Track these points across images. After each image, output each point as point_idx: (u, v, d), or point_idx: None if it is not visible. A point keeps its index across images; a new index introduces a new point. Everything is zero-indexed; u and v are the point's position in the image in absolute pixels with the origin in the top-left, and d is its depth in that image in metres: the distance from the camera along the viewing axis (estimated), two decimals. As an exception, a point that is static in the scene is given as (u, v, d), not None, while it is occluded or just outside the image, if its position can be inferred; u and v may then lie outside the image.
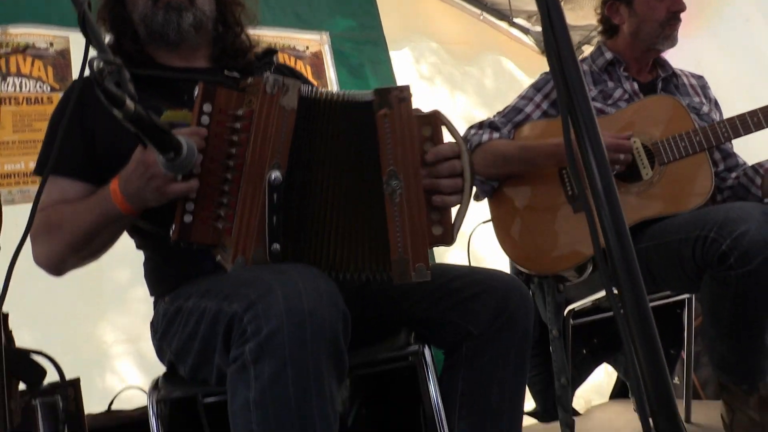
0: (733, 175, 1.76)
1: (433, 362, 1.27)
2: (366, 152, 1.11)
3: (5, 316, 0.84)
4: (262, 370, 0.88)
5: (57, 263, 1.15)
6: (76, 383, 1.66)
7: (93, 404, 2.10)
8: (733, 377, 1.56)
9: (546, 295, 2.08)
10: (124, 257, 2.33)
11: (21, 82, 2.57)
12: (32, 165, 2.44)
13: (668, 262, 1.53)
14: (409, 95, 1.11)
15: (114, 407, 2.15)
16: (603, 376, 3.09)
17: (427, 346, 1.27)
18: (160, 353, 1.25)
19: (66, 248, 1.12)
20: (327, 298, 0.91)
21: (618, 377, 3.05)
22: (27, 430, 1.55)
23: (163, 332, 1.19)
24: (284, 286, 0.90)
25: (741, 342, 1.45)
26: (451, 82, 3.43)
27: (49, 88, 2.60)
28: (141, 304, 2.38)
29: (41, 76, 2.61)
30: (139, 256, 1.37)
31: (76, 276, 2.32)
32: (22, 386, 1.58)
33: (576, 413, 2.10)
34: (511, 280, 1.27)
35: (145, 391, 2.13)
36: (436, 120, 1.14)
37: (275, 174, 1.05)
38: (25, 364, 0.97)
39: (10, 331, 0.92)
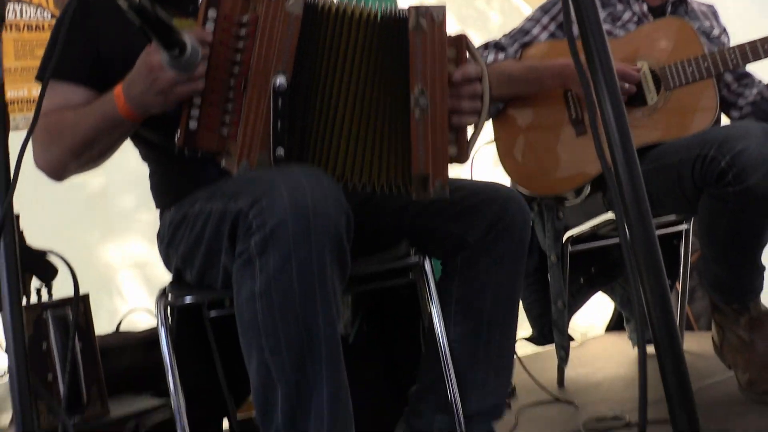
0: (755, 91, 1.74)
1: (433, 274, 1.30)
2: (394, 67, 1.13)
3: (17, 217, 0.86)
4: (266, 263, 0.91)
5: (58, 168, 1.15)
6: (85, 299, 1.71)
7: (100, 326, 2.17)
8: (726, 297, 1.60)
9: (545, 222, 2.11)
10: (130, 182, 2.37)
11: (21, 9, 2.55)
12: (35, 92, 2.45)
13: (667, 184, 1.54)
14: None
15: (122, 329, 2.21)
16: (599, 312, 3.15)
17: (427, 258, 1.30)
18: (167, 262, 1.28)
19: (67, 153, 1.12)
20: (331, 196, 0.94)
21: (614, 311, 3.11)
22: (38, 342, 1.61)
23: (169, 240, 1.22)
24: (289, 182, 0.92)
25: (734, 261, 1.49)
26: (457, 16, 3.38)
27: (49, 15, 2.57)
28: (147, 229, 2.42)
29: (41, 2, 2.58)
30: (145, 181, 1.38)
31: (81, 200, 2.36)
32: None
33: (571, 338, 2.16)
34: (509, 191, 1.30)
35: (152, 313, 2.19)
36: (462, 42, 1.17)
37: (280, 80, 1.05)
38: (37, 260, 1.00)
39: (22, 231, 0.95)
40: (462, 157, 1.19)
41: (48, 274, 1.00)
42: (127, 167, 2.34)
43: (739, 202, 1.33)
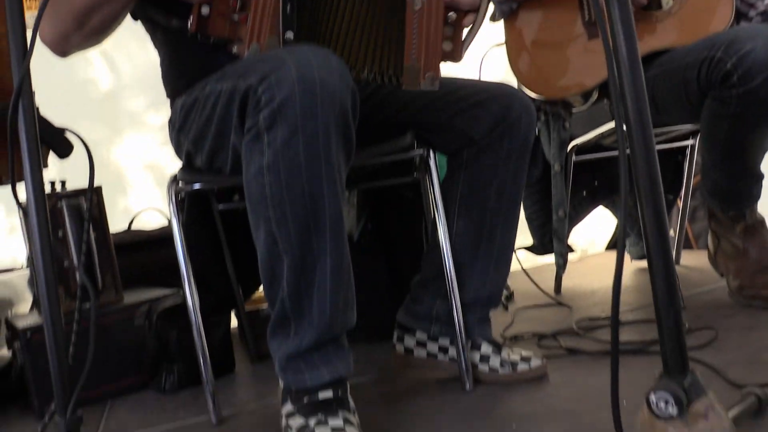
0: (766, 1, 1.72)
1: (437, 168, 1.34)
2: None
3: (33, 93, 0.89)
4: (274, 137, 0.94)
5: (60, 40, 1.14)
6: (98, 190, 1.76)
7: (113, 225, 2.24)
8: (723, 204, 1.63)
9: (551, 132, 2.13)
10: (141, 84, 2.38)
11: None
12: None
13: (673, 89, 1.55)
14: None
15: (133, 228, 2.27)
16: (600, 229, 3.20)
17: (431, 151, 1.33)
18: (178, 149, 1.32)
19: (70, 21, 1.10)
20: (338, 73, 0.96)
21: (615, 229, 3.15)
22: (54, 231, 1.67)
23: (180, 125, 1.25)
24: (297, 59, 0.95)
25: (733, 166, 1.51)
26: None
27: None
28: (157, 132, 2.45)
29: None
30: (155, 83, 1.39)
31: (93, 101, 2.38)
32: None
33: (570, 249, 2.21)
34: (514, 90, 1.31)
35: (163, 213, 2.25)
36: None
37: (289, -35, 1.06)
38: (54, 134, 1.04)
39: (38, 107, 0.97)
40: (456, 54, 1.20)
41: (64, 149, 1.03)
42: (138, 68, 2.36)
43: (741, 104, 1.34)
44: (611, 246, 3.14)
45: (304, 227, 0.97)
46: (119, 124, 2.45)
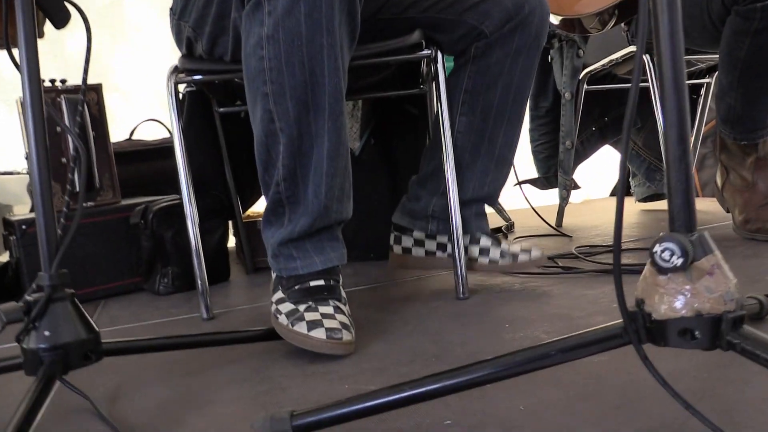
0: None
1: (444, 67, 1.29)
2: None
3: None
4: (275, 5, 0.90)
5: None
6: (98, 88, 1.72)
7: (113, 136, 2.21)
8: (736, 131, 1.59)
9: (564, 59, 2.07)
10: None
11: None
12: None
13: (695, 6, 1.49)
14: None
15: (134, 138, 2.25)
16: (605, 177, 3.16)
17: (439, 52, 1.28)
18: (179, 37, 1.27)
19: None
20: None
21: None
22: (53, 126, 1.64)
23: (181, 10, 1.21)
24: None
25: (752, 87, 1.46)
26: None
27: None
28: (159, 48, 2.40)
29: None
30: None
31: (93, 9, 2.32)
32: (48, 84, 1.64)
33: (576, 185, 2.18)
34: None
35: (164, 124, 2.21)
36: None
37: None
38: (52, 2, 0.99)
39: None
40: None
41: (61, 18, 0.99)
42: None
43: (765, 18, 1.29)
44: (615, 193, 3.11)
45: (302, 104, 0.94)
46: (119, 35, 2.39)
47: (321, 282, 1.01)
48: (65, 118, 1.65)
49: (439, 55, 1.28)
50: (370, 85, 1.62)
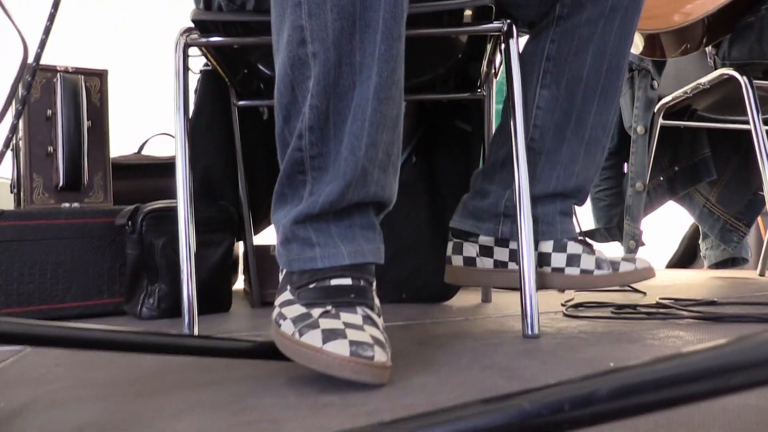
0: None
1: (517, 42, 1.02)
2: None
3: None
4: None
5: None
6: (102, 75, 1.50)
7: (122, 151, 1.99)
8: None
9: (636, 91, 1.81)
10: None
11: None
12: None
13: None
14: None
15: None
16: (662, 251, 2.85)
17: (513, 26, 1.02)
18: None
19: None
20: None
21: (679, 250, 2.80)
22: (43, 108, 1.40)
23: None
24: None
25: None
26: None
27: None
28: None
29: None
30: None
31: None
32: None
33: (642, 241, 1.86)
34: None
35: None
36: None
37: None
38: None
39: None
40: None
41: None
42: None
43: None
44: (671, 266, 2.78)
45: (346, 17, 0.67)
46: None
47: (347, 281, 0.71)
48: (57, 101, 1.41)
49: (513, 32, 1.02)
50: (418, 86, 1.36)
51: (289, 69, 0.71)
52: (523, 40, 1.06)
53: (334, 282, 0.71)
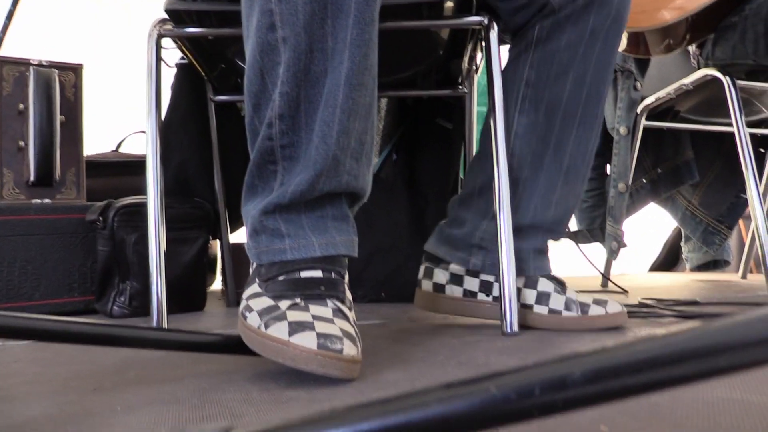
0: None
1: (498, 44, 1.00)
2: None
3: None
4: None
5: None
6: (77, 69, 1.46)
7: (99, 149, 1.95)
8: None
9: (619, 91, 1.80)
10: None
11: None
12: None
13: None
14: None
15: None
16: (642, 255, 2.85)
17: (494, 22, 1.00)
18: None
19: None
20: None
21: (662, 253, 2.80)
22: (14, 101, 1.36)
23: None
24: None
25: None
26: None
27: None
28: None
29: None
30: None
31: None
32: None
33: (623, 242, 1.85)
34: None
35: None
36: None
37: None
38: None
39: None
40: None
41: None
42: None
43: None
44: (653, 269, 2.78)
45: (317, 2, 0.64)
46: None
47: (318, 273, 0.68)
48: (30, 95, 1.37)
49: (494, 26, 1.00)
50: (398, 82, 1.34)
51: (259, 55, 0.68)
52: (504, 49, 1.04)
53: (304, 274, 0.68)
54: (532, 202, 0.99)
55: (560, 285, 0.98)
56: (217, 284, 1.84)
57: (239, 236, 1.57)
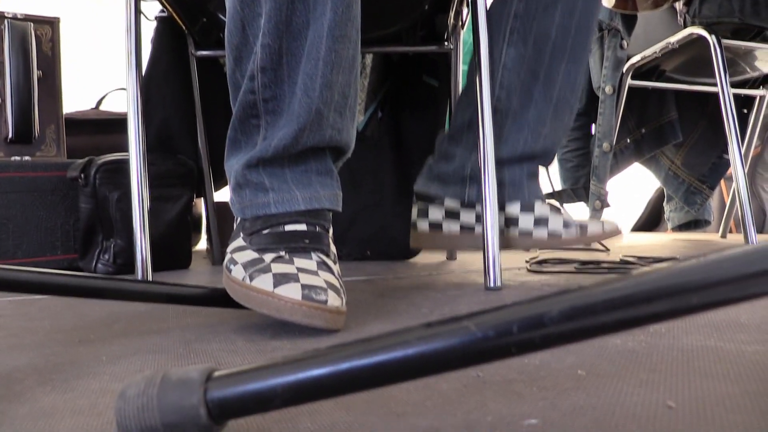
0: None
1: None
2: None
3: None
4: None
5: None
6: (54, 23, 1.42)
7: (78, 106, 1.92)
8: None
9: (606, 50, 1.79)
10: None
11: None
12: None
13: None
14: None
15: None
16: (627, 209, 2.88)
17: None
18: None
19: None
20: None
21: (644, 214, 2.83)
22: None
23: None
24: None
25: None
26: None
27: None
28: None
29: None
30: None
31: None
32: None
33: (607, 202, 1.86)
34: None
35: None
36: None
37: None
38: None
39: None
40: None
41: None
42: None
43: None
44: (638, 228, 2.81)
45: None
46: None
47: (302, 227, 0.68)
48: (5, 49, 1.34)
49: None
50: (383, 38, 1.32)
51: (239, 5, 0.67)
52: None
53: (289, 228, 0.68)
54: (522, 134, 1.00)
55: (555, 208, 1.00)
56: (202, 244, 1.84)
57: (224, 195, 1.56)
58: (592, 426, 0.34)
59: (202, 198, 1.49)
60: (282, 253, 0.66)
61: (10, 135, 1.33)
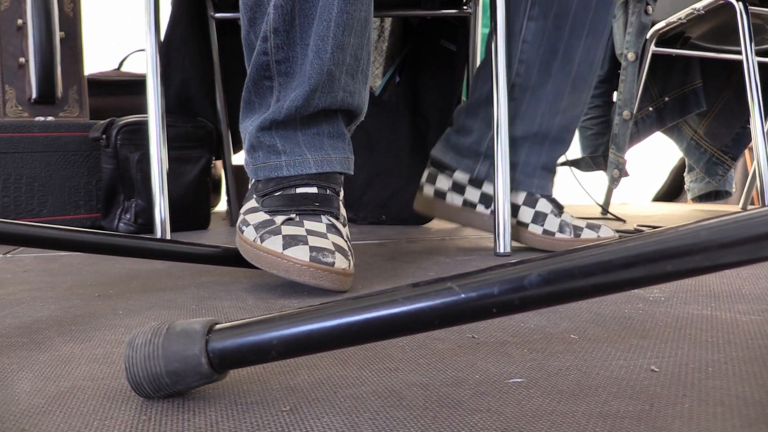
0: None
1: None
2: None
3: None
4: None
5: None
6: (75, -16, 1.44)
7: (100, 67, 1.94)
8: None
9: (630, 15, 1.76)
10: None
11: None
12: None
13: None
14: None
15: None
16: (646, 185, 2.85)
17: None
18: None
19: None
20: None
21: (666, 183, 2.79)
22: (12, 16, 1.35)
23: None
24: None
25: None
26: None
27: None
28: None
29: None
30: None
31: None
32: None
33: (626, 171, 1.85)
34: None
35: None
36: None
37: None
38: None
39: None
40: None
41: None
42: None
43: None
44: (658, 198, 2.78)
45: None
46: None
47: (313, 189, 0.70)
48: (28, 9, 1.36)
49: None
50: (402, 1, 1.32)
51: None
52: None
53: (300, 190, 0.70)
54: (540, 110, 0.99)
55: (558, 208, 1.00)
56: (222, 205, 1.87)
57: (242, 157, 1.58)
58: (574, 386, 0.36)
59: (221, 160, 1.51)
60: (293, 215, 0.68)
61: (33, 95, 1.36)
